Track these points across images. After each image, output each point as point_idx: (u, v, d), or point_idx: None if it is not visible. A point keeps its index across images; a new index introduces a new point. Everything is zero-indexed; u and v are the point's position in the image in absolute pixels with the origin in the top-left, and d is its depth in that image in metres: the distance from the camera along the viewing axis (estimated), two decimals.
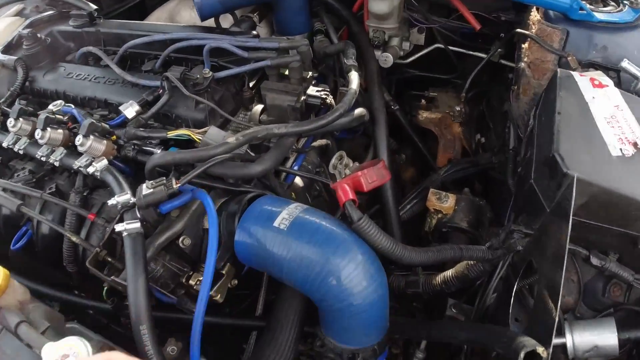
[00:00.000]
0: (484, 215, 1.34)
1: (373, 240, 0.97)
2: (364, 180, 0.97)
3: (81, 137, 1.10)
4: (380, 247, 0.98)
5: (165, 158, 1.03)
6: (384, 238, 0.98)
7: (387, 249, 0.99)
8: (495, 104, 1.59)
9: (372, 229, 0.97)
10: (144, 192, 0.97)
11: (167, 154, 1.04)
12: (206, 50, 1.26)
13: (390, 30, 1.49)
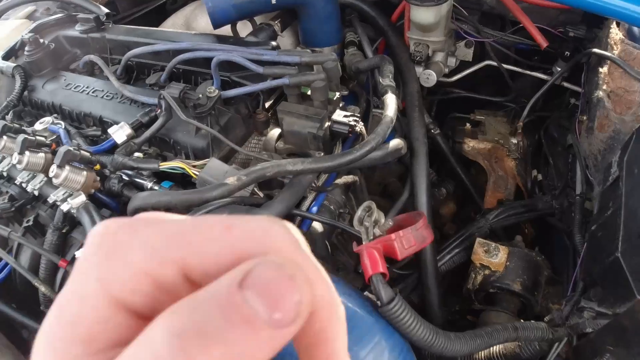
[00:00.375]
0: (540, 275, 1.08)
1: (407, 330, 0.73)
2: (399, 245, 0.72)
3: (55, 167, 0.89)
4: (416, 338, 0.74)
5: (149, 200, 0.81)
6: (421, 327, 0.74)
7: (425, 341, 0.75)
8: (555, 135, 1.31)
9: (406, 315, 0.73)
10: None
11: (151, 196, 0.82)
12: (214, 63, 1.04)
13: (435, 44, 1.24)
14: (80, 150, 0.92)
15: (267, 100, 1.12)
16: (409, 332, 0.71)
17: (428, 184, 1.06)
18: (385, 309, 0.71)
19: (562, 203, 1.15)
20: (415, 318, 0.73)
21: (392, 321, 0.71)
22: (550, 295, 1.11)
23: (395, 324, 0.71)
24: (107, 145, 0.99)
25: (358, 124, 1.03)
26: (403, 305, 0.72)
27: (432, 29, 1.20)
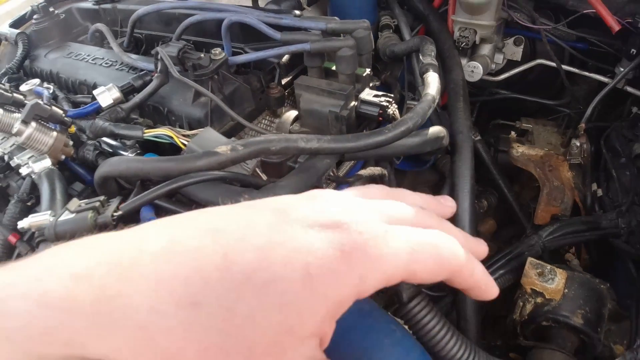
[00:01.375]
0: (604, 307, 0.81)
1: (434, 341, 0.49)
2: None
3: (19, 123, 0.69)
4: (445, 353, 0.49)
5: (118, 167, 0.60)
6: (453, 339, 0.50)
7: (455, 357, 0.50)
8: (617, 146, 1.05)
9: (434, 319, 0.50)
10: (62, 217, 0.54)
11: (121, 162, 0.60)
12: (225, 25, 0.83)
13: (484, 29, 1.01)
14: (52, 107, 0.71)
15: (285, 77, 0.90)
16: (436, 343, 0.48)
17: (472, 185, 0.82)
18: (406, 308, 0.48)
19: (630, 222, 0.89)
20: (447, 326, 0.49)
21: (414, 327, 0.47)
22: (612, 333, 0.85)
23: (419, 330, 0.47)
24: (90, 109, 0.78)
25: (391, 106, 0.79)
26: (429, 306, 0.48)
27: (483, 10, 0.97)
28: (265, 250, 0.30)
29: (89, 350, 0.29)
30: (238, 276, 0.29)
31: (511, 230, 1.17)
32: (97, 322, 0.29)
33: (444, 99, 1.03)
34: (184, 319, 0.28)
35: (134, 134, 0.70)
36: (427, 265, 0.34)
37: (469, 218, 0.81)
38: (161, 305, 0.29)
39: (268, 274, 0.29)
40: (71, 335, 0.29)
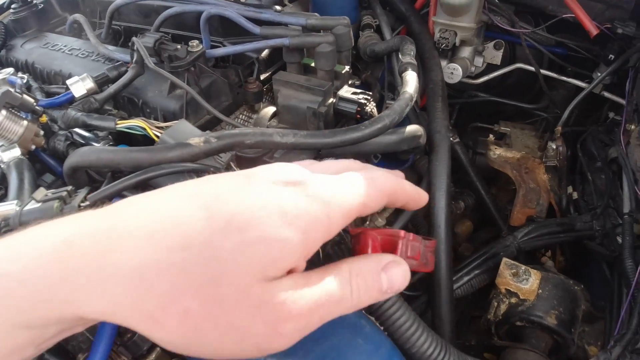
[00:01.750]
0: (578, 308, 0.82)
1: (405, 338, 0.49)
2: (402, 248, 0.48)
3: None
4: (416, 350, 0.49)
5: (88, 157, 0.58)
6: (423, 336, 0.49)
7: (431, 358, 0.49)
8: (593, 150, 1.06)
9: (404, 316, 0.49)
10: (28, 206, 0.52)
11: (91, 152, 0.58)
12: (204, 18, 0.81)
13: (464, 31, 1.01)
14: (23, 95, 0.69)
15: (263, 72, 0.89)
16: (407, 340, 0.47)
17: (449, 185, 0.81)
18: (377, 305, 0.47)
19: (605, 224, 0.90)
20: (418, 323, 0.49)
21: (386, 323, 0.47)
22: (586, 334, 0.85)
23: (389, 326, 0.47)
24: (63, 99, 0.76)
25: (369, 103, 0.79)
26: (400, 302, 0.48)
27: (463, 12, 0.97)
28: (242, 199, 0.34)
29: (84, 308, 0.31)
30: (220, 220, 0.32)
31: (487, 232, 1.18)
32: (93, 279, 0.31)
33: (424, 100, 1.03)
34: (177, 261, 0.31)
35: (107, 125, 0.68)
36: (372, 195, 0.39)
37: (444, 216, 0.80)
38: (154, 253, 0.31)
39: (248, 215, 0.33)
40: (66, 295, 0.31)
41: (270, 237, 0.32)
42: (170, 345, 0.33)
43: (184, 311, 0.31)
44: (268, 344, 0.33)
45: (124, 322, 0.32)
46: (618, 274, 0.83)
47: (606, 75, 1.01)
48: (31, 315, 0.31)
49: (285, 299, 0.33)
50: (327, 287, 0.35)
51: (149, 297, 0.31)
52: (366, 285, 0.38)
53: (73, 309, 0.31)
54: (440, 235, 0.80)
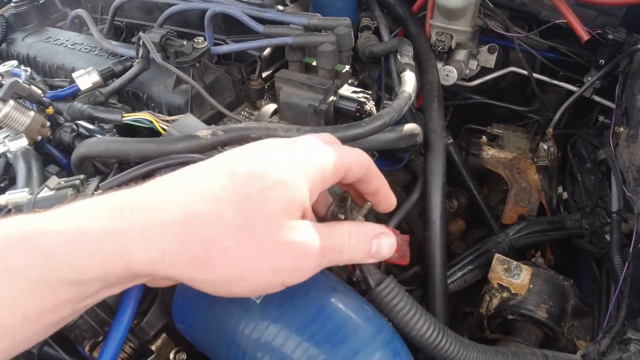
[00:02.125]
0: (567, 303, 0.84)
1: (403, 321, 0.51)
2: None
3: None
4: (415, 334, 0.51)
5: (97, 147, 0.59)
6: (422, 318, 0.52)
7: (427, 338, 0.52)
8: (582, 151, 1.10)
9: (402, 300, 0.51)
10: (41, 194, 0.54)
11: (100, 142, 0.60)
12: (208, 16, 0.83)
13: (460, 34, 1.04)
14: (31, 86, 0.70)
15: (265, 70, 0.91)
16: (406, 324, 0.50)
17: (444, 182, 0.84)
18: (375, 291, 0.50)
19: (594, 223, 0.93)
20: (416, 307, 0.51)
21: (384, 309, 0.49)
22: (575, 329, 0.88)
23: (389, 312, 0.49)
24: (69, 92, 0.77)
25: (368, 102, 0.82)
26: (397, 288, 0.50)
27: (459, 15, 1.00)
28: (255, 157, 0.40)
29: (135, 257, 0.35)
30: (242, 174, 0.38)
31: (479, 231, 1.20)
32: (144, 231, 0.35)
33: (419, 100, 1.05)
34: (213, 210, 0.36)
35: (113, 117, 0.70)
36: (355, 159, 0.44)
37: (440, 214, 0.83)
38: (193, 205, 0.36)
39: (263, 166, 0.39)
40: (119, 246, 0.35)
41: (285, 180, 0.38)
42: (213, 285, 0.38)
43: (224, 251, 0.36)
44: (291, 278, 0.39)
45: (171, 268, 0.36)
46: (606, 270, 0.86)
47: (597, 79, 1.05)
48: (80, 269, 0.34)
49: (305, 239, 0.39)
50: (333, 237, 0.42)
51: (193, 242, 0.36)
52: (360, 244, 0.44)
53: (124, 259, 0.35)
54: (435, 231, 0.82)
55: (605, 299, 0.85)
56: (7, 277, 0.33)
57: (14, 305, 0.33)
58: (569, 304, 0.85)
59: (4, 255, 0.33)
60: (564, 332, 0.82)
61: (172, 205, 0.37)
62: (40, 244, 0.34)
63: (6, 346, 0.34)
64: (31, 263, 0.33)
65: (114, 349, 0.51)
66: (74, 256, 0.34)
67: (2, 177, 0.74)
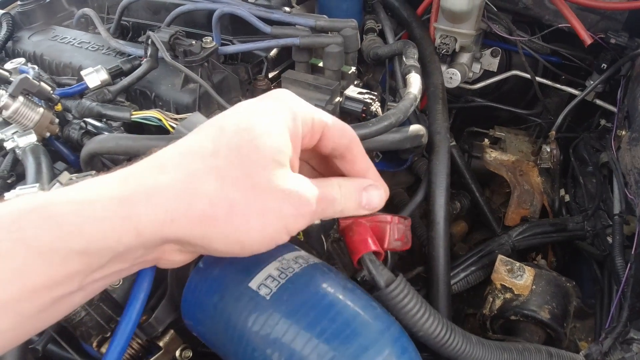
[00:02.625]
0: (570, 304, 0.85)
1: (413, 321, 0.51)
2: (391, 232, 0.51)
3: (6, 96, 0.68)
4: (423, 333, 0.52)
5: (107, 144, 0.60)
6: (431, 318, 0.52)
7: (436, 337, 0.52)
8: (584, 155, 1.10)
9: (412, 300, 0.51)
10: (53, 189, 0.54)
11: (110, 139, 0.60)
12: (216, 16, 0.84)
13: (464, 37, 1.05)
14: (41, 83, 0.71)
15: (272, 70, 0.91)
16: (415, 324, 0.50)
17: (448, 183, 0.85)
18: (384, 292, 0.50)
19: (595, 225, 0.94)
20: (425, 307, 0.51)
21: (394, 309, 0.49)
22: (577, 330, 0.89)
23: (399, 312, 0.49)
24: (77, 89, 0.78)
25: (374, 103, 0.82)
26: (407, 288, 0.51)
27: (464, 18, 1.01)
28: (240, 112, 0.42)
29: (144, 221, 0.36)
30: (231, 128, 0.40)
31: (481, 233, 1.21)
32: (150, 195, 0.36)
33: (423, 102, 1.06)
34: (212, 165, 0.38)
35: (122, 115, 0.70)
36: (334, 126, 0.45)
37: (444, 215, 0.83)
38: (192, 164, 0.38)
39: (249, 119, 0.40)
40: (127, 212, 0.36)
41: (271, 130, 0.40)
42: (224, 239, 0.39)
43: (229, 203, 0.38)
44: (293, 224, 0.41)
45: (181, 229, 0.37)
46: (608, 272, 0.86)
47: (599, 82, 1.06)
48: (89, 237, 0.34)
49: (301, 187, 0.41)
50: (325, 188, 0.44)
51: (198, 199, 0.37)
52: (350, 195, 0.46)
53: (134, 224, 0.36)
54: (439, 231, 0.83)
55: (607, 301, 0.85)
56: (16, 248, 0.33)
57: (21, 276, 0.33)
58: (571, 305, 0.86)
59: (15, 225, 0.33)
60: (567, 333, 0.82)
61: (172, 168, 0.38)
62: (50, 213, 0.34)
63: (14, 323, 0.34)
64: (41, 232, 0.33)
65: (122, 343, 0.51)
66: (83, 224, 0.34)
67: (9, 173, 0.75)
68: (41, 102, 0.74)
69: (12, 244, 0.33)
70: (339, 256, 0.91)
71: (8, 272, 0.33)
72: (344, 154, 0.47)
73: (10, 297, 0.33)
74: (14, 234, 0.33)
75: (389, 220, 0.51)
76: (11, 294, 0.33)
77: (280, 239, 0.41)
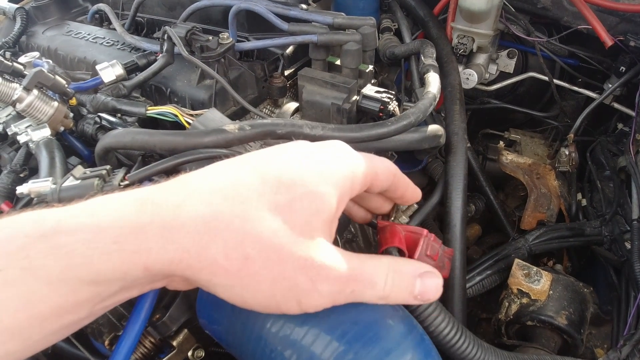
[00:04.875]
0: (587, 310, 0.83)
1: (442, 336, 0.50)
2: (423, 245, 0.49)
3: (20, 89, 0.67)
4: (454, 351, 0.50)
5: (123, 138, 0.59)
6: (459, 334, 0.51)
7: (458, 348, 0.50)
8: (601, 159, 1.08)
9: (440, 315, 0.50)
10: (66, 183, 0.53)
11: (126, 133, 0.59)
12: (233, 12, 0.83)
13: (482, 37, 1.03)
14: (55, 76, 0.70)
15: (288, 68, 0.90)
16: (443, 339, 0.48)
17: (465, 185, 0.83)
18: (418, 311, 0.48)
19: (613, 230, 0.91)
20: (453, 321, 0.49)
21: (423, 323, 0.48)
22: (593, 337, 0.87)
23: (427, 326, 0.48)
24: (92, 84, 0.77)
25: (392, 102, 0.80)
26: (439, 308, 0.49)
27: (482, 18, 0.99)
28: (286, 162, 0.39)
29: (154, 257, 0.34)
30: (271, 180, 0.37)
31: (494, 237, 1.19)
32: (164, 230, 0.34)
33: (439, 102, 1.04)
34: (238, 213, 0.35)
35: (137, 110, 0.69)
36: (382, 169, 0.44)
37: (460, 216, 0.82)
38: (218, 206, 0.35)
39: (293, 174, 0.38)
40: (138, 245, 0.33)
41: (314, 191, 0.37)
42: (229, 290, 0.36)
43: (244, 257, 0.35)
44: (307, 299, 0.37)
45: (189, 270, 0.35)
46: (626, 278, 0.84)
47: (618, 86, 1.03)
48: (98, 269, 0.33)
49: (328, 261, 0.37)
50: (365, 267, 0.39)
51: (214, 244, 0.34)
52: (400, 283, 0.42)
53: (143, 259, 0.34)
54: (455, 234, 0.81)
55: (625, 307, 0.83)
56: (25, 277, 0.32)
57: (30, 305, 0.32)
58: (588, 311, 0.84)
59: (22, 254, 0.32)
60: (583, 340, 0.80)
61: (195, 204, 0.35)
62: (60, 242, 0.33)
63: (21, 347, 0.33)
64: (50, 262, 0.32)
65: (131, 340, 0.50)
66: (92, 255, 0.33)
67: (22, 167, 0.74)
68: (55, 96, 0.73)
69: (20, 273, 0.31)
70: None
71: (16, 300, 0.32)
72: (388, 189, 0.47)
73: (19, 324, 0.32)
74: (22, 262, 0.32)
75: (424, 234, 0.50)
76: (20, 322, 0.32)
77: (288, 310, 0.38)
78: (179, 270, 0.35)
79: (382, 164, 0.44)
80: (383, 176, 0.44)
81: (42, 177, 0.61)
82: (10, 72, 0.76)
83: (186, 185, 0.37)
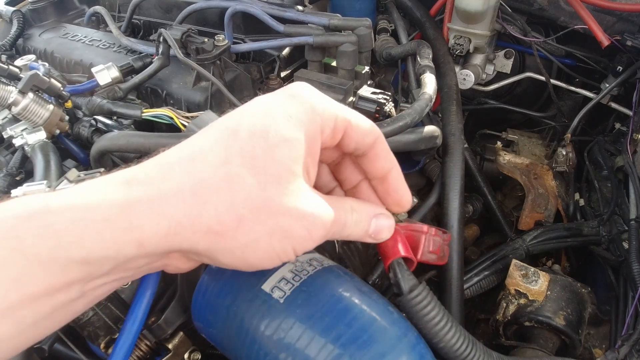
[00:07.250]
0: (585, 310, 0.83)
1: (433, 330, 0.49)
2: (425, 243, 0.49)
3: (16, 92, 0.67)
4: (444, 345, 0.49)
5: (117, 141, 0.58)
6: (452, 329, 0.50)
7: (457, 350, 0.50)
8: (599, 159, 1.08)
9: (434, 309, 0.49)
10: (60, 186, 0.53)
11: (121, 136, 0.59)
12: (229, 14, 0.82)
13: (478, 38, 1.03)
14: (51, 79, 0.69)
15: (284, 70, 0.90)
16: (436, 334, 0.47)
17: (462, 185, 0.83)
18: (406, 299, 0.47)
19: (611, 230, 0.91)
20: (447, 317, 0.49)
21: (414, 316, 0.47)
22: (591, 337, 0.86)
23: (419, 320, 0.47)
24: (88, 86, 0.77)
25: (388, 103, 0.80)
26: (430, 296, 0.48)
27: (478, 19, 0.99)
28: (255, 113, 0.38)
29: (147, 231, 0.33)
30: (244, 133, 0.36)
31: (492, 237, 1.19)
32: (153, 204, 0.33)
33: (436, 103, 1.04)
34: (222, 175, 0.35)
35: (133, 113, 0.69)
36: (358, 123, 0.42)
37: (457, 217, 0.82)
38: (201, 172, 0.35)
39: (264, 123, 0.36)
40: (129, 222, 0.33)
41: (287, 137, 0.37)
42: (229, 253, 0.37)
43: (238, 218, 0.35)
44: (302, 245, 0.39)
45: (185, 241, 0.35)
46: (624, 278, 0.84)
47: (615, 85, 1.03)
48: (90, 246, 0.32)
49: (318, 209, 0.38)
50: (339, 210, 0.41)
51: (205, 212, 0.34)
52: (360, 222, 0.43)
53: (136, 236, 0.33)
54: (452, 235, 0.81)
55: (623, 307, 0.83)
56: (14, 257, 0.31)
57: (21, 284, 0.32)
58: (586, 311, 0.83)
59: (12, 233, 0.32)
60: (581, 340, 0.80)
61: (177, 174, 0.35)
62: (49, 221, 0.32)
63: (15, 330, 0.33)
64: (39, 242, 0.32)
65: (128, 343, 0.50)
66: (82, 234, 0.32)
67: (18, 170, 0.73)
68: (51, 99, 0.73)
69: (9, 252, 0.31)
70: (349, 259, 0.89)
71: (6, 280, 0.31)
72: (367, 152, 0.43)
73: (9, 304, 0.32)
74: (11, 241, 0.31)
75: (425, 231, 0.49)
76: (10, 302, 0.32)
77: (286, 258, 0.39)
78: (176, 244, 0.35)
79: (360, 115, 0.42)
80: (359, 129, 0.41)
81: (37, 180, 0.61)
82: (6, 75, 0.76)
83: (165, 159, 0.37)
